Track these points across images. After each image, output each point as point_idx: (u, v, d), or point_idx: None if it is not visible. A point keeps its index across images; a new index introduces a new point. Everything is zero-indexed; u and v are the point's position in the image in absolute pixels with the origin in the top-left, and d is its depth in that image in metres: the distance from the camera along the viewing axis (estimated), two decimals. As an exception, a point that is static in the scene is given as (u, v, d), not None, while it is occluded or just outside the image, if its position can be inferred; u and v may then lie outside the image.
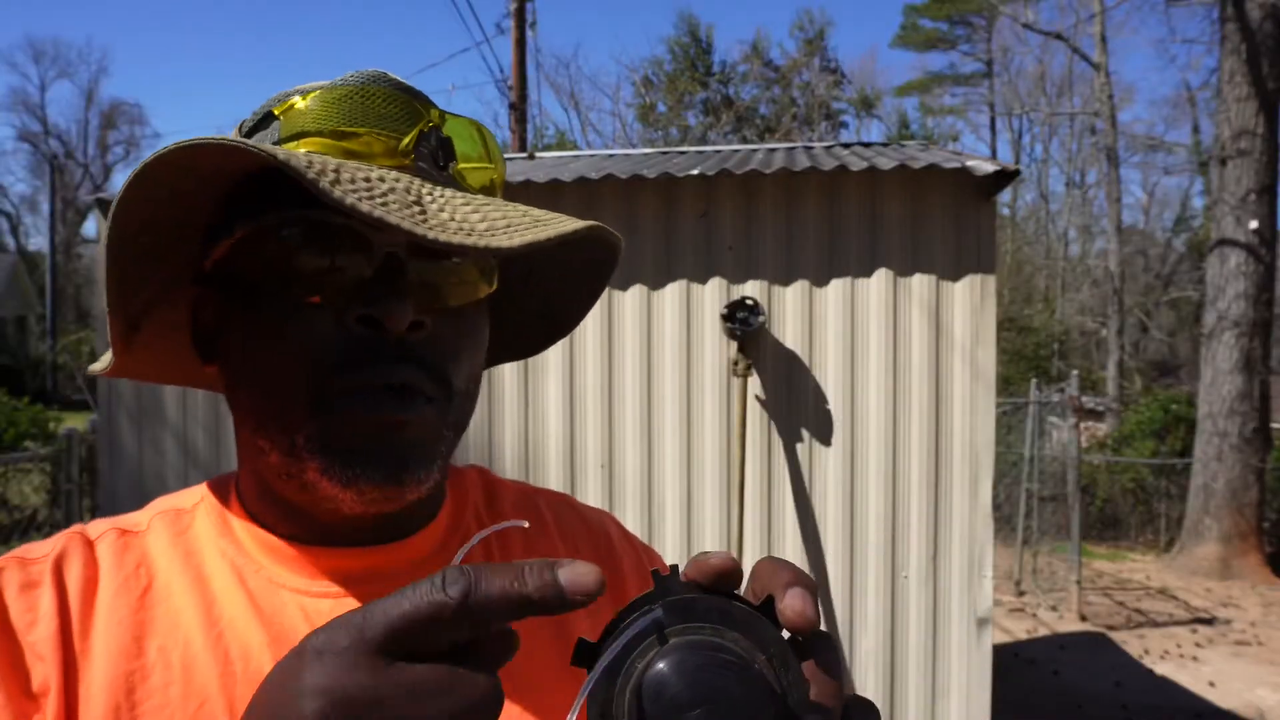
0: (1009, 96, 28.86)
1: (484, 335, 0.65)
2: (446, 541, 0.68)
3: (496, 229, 0.55)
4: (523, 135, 10.64)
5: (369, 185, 0.53)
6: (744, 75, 27.99)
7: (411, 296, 0.57)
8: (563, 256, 0.70)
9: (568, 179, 3.52)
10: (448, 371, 0.60)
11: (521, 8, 10.41)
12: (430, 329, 0.58)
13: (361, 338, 0.57)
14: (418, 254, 0.58)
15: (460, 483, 0.74)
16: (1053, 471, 9.87)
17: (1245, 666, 6.72)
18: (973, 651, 3.45)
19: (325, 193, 0.50)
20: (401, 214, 0.52)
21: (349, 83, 0.61)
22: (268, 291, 0.59)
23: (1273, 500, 10.49)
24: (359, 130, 0.60)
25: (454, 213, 0.56)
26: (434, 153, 0.62)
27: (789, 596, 0.38)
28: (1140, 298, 24.43)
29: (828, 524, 3.52)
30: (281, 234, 0.58)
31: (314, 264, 0.57)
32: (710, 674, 0.36)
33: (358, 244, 0.57)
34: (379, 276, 0.57)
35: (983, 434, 3.45)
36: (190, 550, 0.63)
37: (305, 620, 0.61)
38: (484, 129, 0.67)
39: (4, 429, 8.86)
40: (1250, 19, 9.43)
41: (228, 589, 0.61)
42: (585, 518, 0.78)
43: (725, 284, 3.56)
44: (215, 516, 0.65)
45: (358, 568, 0.63)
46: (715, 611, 0.38)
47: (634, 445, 3.58)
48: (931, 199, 3.48)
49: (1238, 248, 9.49)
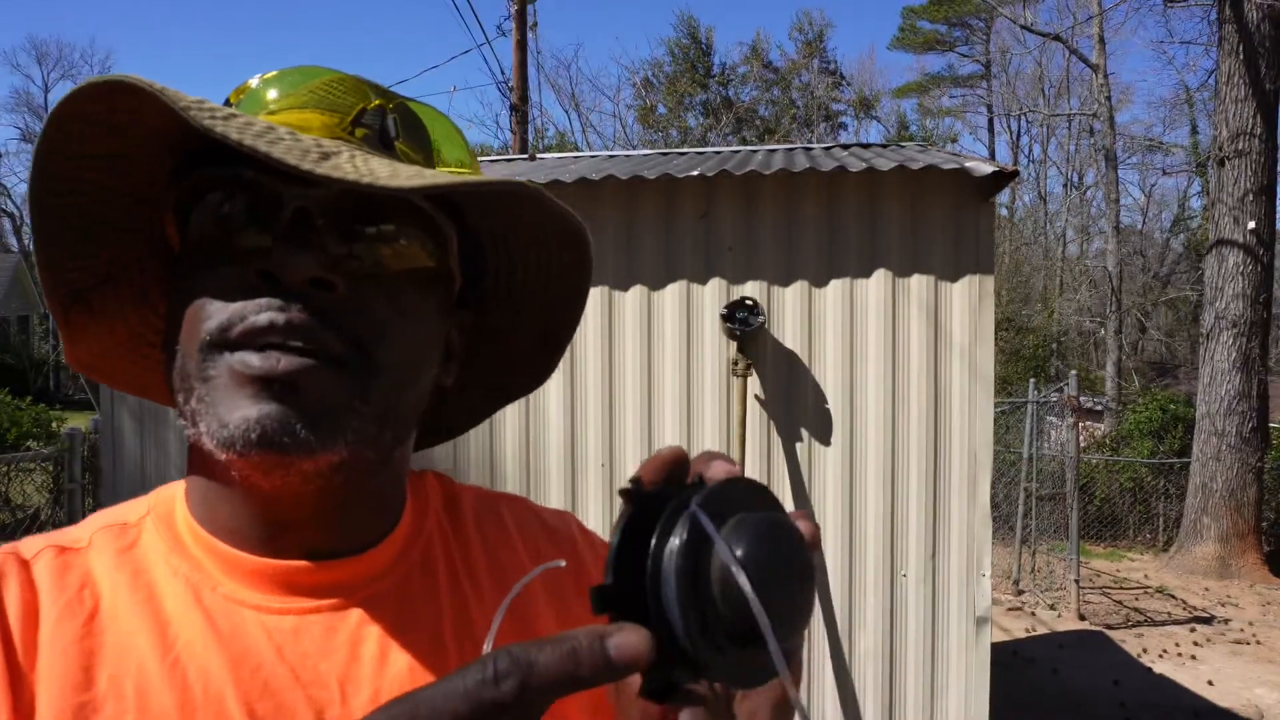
0: (1007, 98, 28.90)
1: (428, 317, 0.61)
2: (407, 551, 0.64)
3: (400, 177, 0.52)
4: (524, 137, 10.65)
5: (265, 131, 0.52)
6: (744, 77, 28.03)
7: (322, 253, 0.54)
8: (542, 258, 0.67)
9: (568, 180, 3.53)
10: (366, 340, 0.56)
11: (522, 9, 10.43)
12: (344, 291, 0.55)
13: (258, 290, 0.54)
14: (342, 214, 0.56)
15: (420, 489, 0.70)
16: (1051, 471, 9.89)
17: (1243, 665, 6.73)
18: (971, 650, 3.47)
19: (194, 120, 0.49)
20: (280, 149, 0.50)
21: (300, 67, 0.62)
22: (187, 257, 0.57)
23: (1271, 499, 10.51)
24: (300, 107, 0.59)
25: (362, 164, 0.53)
26: (379, 131, 0.60)
27: (713, 468, 0.41)
28: (1138, 298, 24.44)
29: (827, 523, 3.54)
30: (204, 195, 0.56)
31: (226, 222, 0.55)
32: (776, 546, 0.37)
33: (268, 199, 0.55)
34: (286, 231, 0.54)
35: (981, 434, 3.47)
36: (139, 568, 0.58)
37: (268, 639, 0.57)
38: (446, 116, 0.67)
39: (7, 428, 8.87)
40: (1248, 20, 9.45)
41: (182, 609, 0.57)
42: (546, 521, 0.75)
43: (725, 284, 3.58)
44: (164, 530, 0.61)
45: (320, 582, 0.60)
46: (714, 497, 0.38)
47: (634, 445, 3.60)
48: (930, 200, 3.50)
49: (1236, 248, 9.51)
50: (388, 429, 0.58)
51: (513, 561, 0.70)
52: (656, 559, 0.36)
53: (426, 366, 0.62)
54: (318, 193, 0.55)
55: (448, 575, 0.66)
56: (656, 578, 0.35)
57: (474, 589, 0.66)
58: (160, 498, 0.64)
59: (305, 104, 0.59)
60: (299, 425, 0.53)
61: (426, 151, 0.65)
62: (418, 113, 0.65)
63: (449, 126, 0.68)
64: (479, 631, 0.64)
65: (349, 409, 0.55)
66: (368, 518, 0.63)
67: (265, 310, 0.53)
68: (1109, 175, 20.65)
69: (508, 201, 0.62)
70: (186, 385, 0.55)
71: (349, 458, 0.56)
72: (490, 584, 0.67)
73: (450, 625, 0.63)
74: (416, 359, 0.60)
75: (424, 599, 0.63)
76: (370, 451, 0.58)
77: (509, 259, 0.68)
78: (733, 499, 0.38)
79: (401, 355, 0.58)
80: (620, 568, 0.36)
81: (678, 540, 0.35)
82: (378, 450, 0.58)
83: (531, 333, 0.72)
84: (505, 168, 4.52)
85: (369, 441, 0.57)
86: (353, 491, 0.60)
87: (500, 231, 0.66)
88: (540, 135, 22.86)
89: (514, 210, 0.63)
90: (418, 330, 0.60)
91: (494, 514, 0.73)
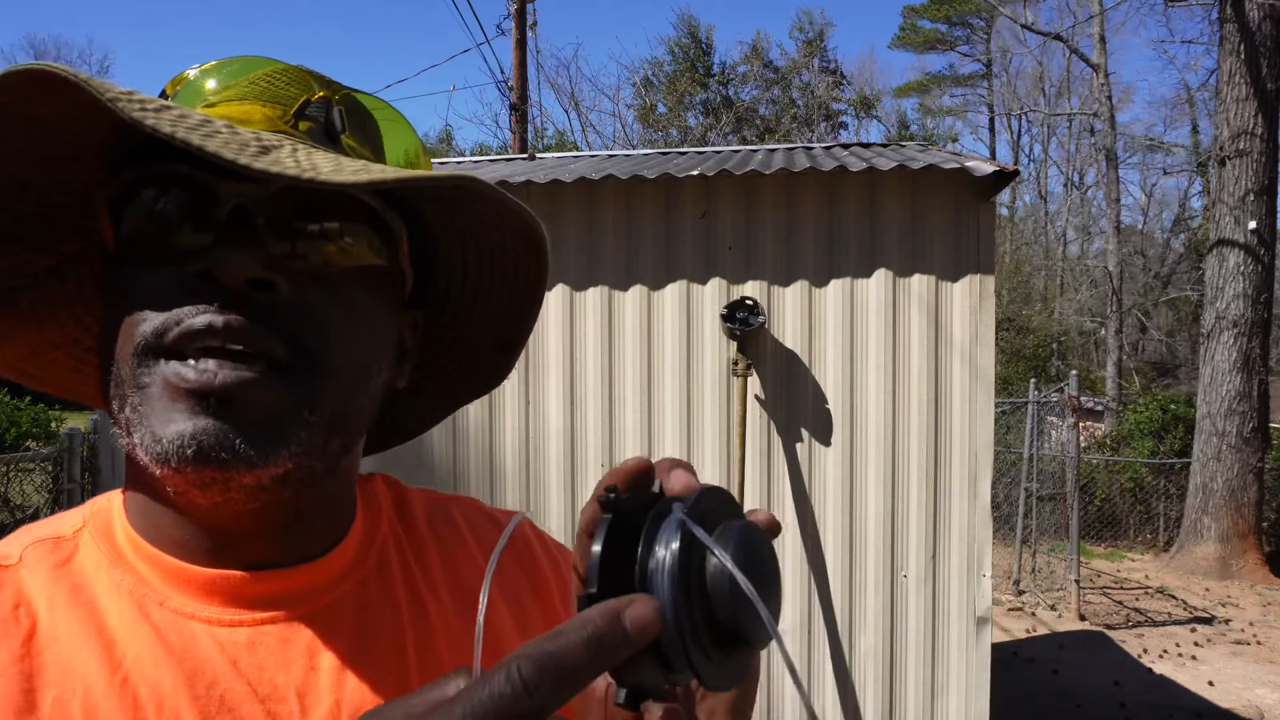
0: (1008, 97, 28.91)
1: (377, 318, 0.58)
2: (361, 557, 0.63)
3: (345, 172, 0.50)
4: (523, 136, 10.65)
5: (201, 124, 0.49)
6: (744, 76, 28.04)
7: (263, 252, 0.52)
8: (497, 256, 0.65)
9: (568, 180, 3.53)
10: (310, 342, 0.53)
11: (522, 9, 10.42)
12: (287, 292, 0.52)
13: (195, 292, 0.51)
14: (285, 211, 0.53)
15: (369, 494, 0.68)
16: (1051, 471, 9.89)
17: (1244, 665, 6.73)
18: (972, 650, 3.46)
19: (122, 112, 0.46)
20: (217, 142, 0.47)
21: (242, 57, 0.59)
22: (122, 259, 0.54)
23: (1271, 500, 10.51)
24: (241, 99, 0.56)
25: (305, 158, 0.50)
26: (324, 124, 0.58)
27: (673, 477, 0.41)
28: (1139, 298, 24.45)
29: (827, 523, 3.53)
30: (139, 194, 0.53)
31: (161, 221, 0.53)
32: (757, 551, 0.39)
33: (206, 196, 0.52)
34: (224, 230, 0.52)
35: (981, 434, 3.47)
36: (78, 584, 0.55)
37: (221, 653, 0.54)
38: (395, 108, 0.65)
39: (6, 428, 8.86)
40: (1249, 19, 9.45)
41: (128, 625, 0.54)
42: (499, 521, 0.74)
43: (725, 284, 3.57)
44: (103, 543, 0.57)
45: (271, 592, 0.57)
46: (696, 506, 0.39)
47: (634, 445, 3.60)
48: (930, 199, 3.49)
49: (1236, 248, 9.50)
50: (336, 437, 0.56)
51: (468, 562, 0.68)
52: (644, 565, 0.37)
53: (377, 369, 0.59)
54: (258, 189, 0.52)
55: (404, 579, 0.64)
56: (646, 583, 0.36)
57: (431, 592, 0.65)
58: (96, 509, 0.60)
59: (246, 96, 0.57)
60: (238, 440, 0.50)
61: (375, 145, 0.62)
62: (365, 105, 0.63)
63: (398, 119, 0.65)
64: (438, 634, 0.62)
65: (294, 419, 0.52)
66: (318, 526, 0.60)
67: (203, 313, 0.50)
68: (1110, 175, 20.65)
69: (459, 198, 0.59)
70: (121, 392, 0.52)
71: (294, 469, 0.53)
72: (447, 586, 0.66)
73: (410, 629, 0.61)
74: (366, 361, 0.58)
75: (381, 604, 0.62)
76: (317, 461, 0.55)
77: (462, 257, 0.66)
78: (709, 507, 0.40)
79: (349, 358, 0.55)
80: (606, 575, 0.37)
81: (672, 546, 0.37)
82: (325, 459, 0.56)
83: (486, 333, 0.70)
84: (505, 167, 4.51)
85: (315, 451, 0.54)
86: (301, 502, 0.57)
87: (453, 229, 0.64)
88: (540, 134, 22.87)
89: (466, 207, 0.61)
90: (367, 331, 0.57)
91: (446, 516, 0.71)
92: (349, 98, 0.61)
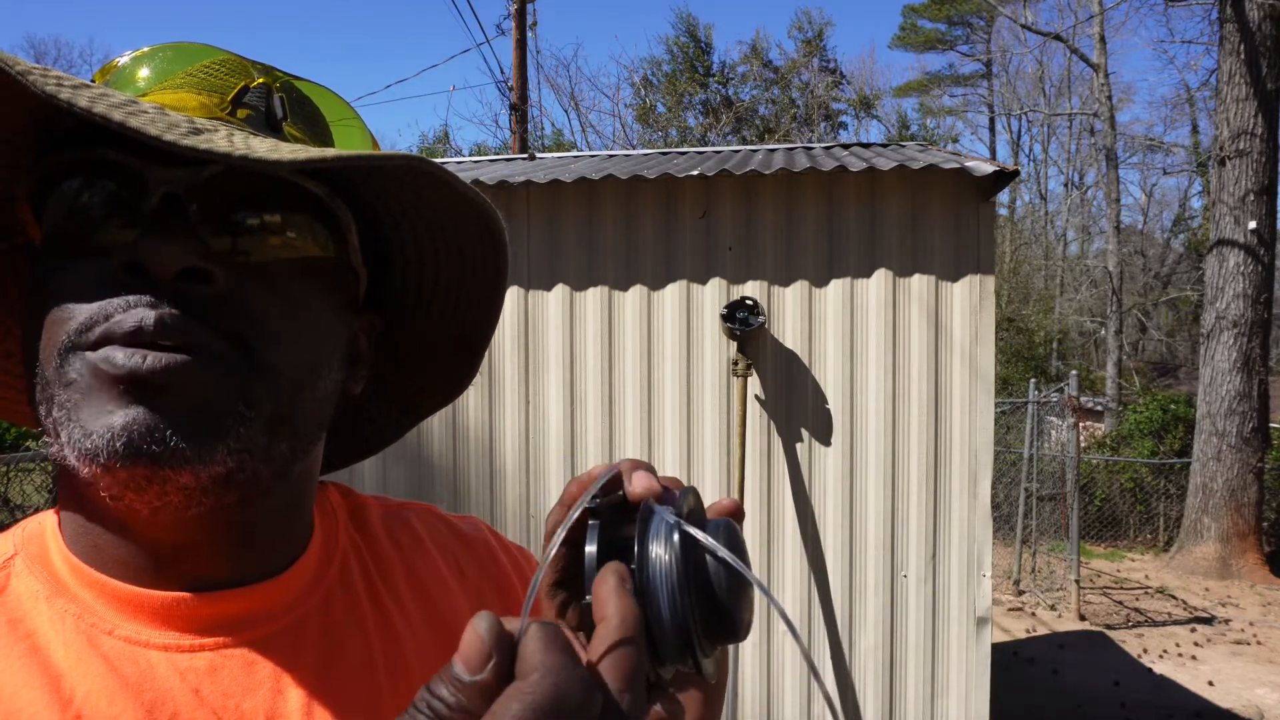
0: (1008, 97, 28.90)
1: (322, 314, 0.55)
2: (323, 571, 0.60)
3: (281, 152, 0.47)
4: (523, 136, 10.65)
5: (126, 103, 0.45)
6: (743, 76, 28.02)
7: (195, 242, 0.48)
8: (453, 250, 0.62)
9: (568, 179, 3.53)
10: (250, 337, 0.50)
11: (522, 9, 10.42)
12: (223, 284, 0.49)
13: (123, 285, 0.47)
14: (220, 199, 0.50)
15: (324, 504, 0.65)
16: (1051, 471, 9.90)
17: (1244, 666, 6.73)
18: (972, 650, 3.46)
19: (34, 86, 0.42)
20: (142, 120, 0.44)
21: (177, 44, 0.56)
22: (46, 253, 0.51)
23: (1271, 500, 10.51)
24: (176, 88, 0.54)
25: (240, 141, 0.47)
26: (264, 112, 0.55)
27: (635, 480, 0.43)
28: (1139, 298, 24.45)
29: (827, 523, 3.53)
30: (61, 182, 0.50)
31: (86, 211, 0.49)
32: (740, 545, 0.42)
33: (134, 184, 0.49)
34: (154, 219, 0.48)
35: (981, 434, 3.47)
36: (14, 617, 0.51)
37: (182, 681, 0.51)
38: (338, 95, 0.62)
39: (6, 428, 8.87)
40: (1249, 19, 9.45)
41: (76, 658, 0.49)
42: (457, 528, 0.72)
43: (725, 284, 3.57)
44: (39, 570, 0.53)
45: (231, 613, 0.54)
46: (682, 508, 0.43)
47: (634, 445, 3.60)
48: (930, 199, 3.49)
49: (1236, 248, 9.51)
50: (280, 439, 0.52)
51: (430, 571, 0.66)
52: (644, 565, 0.39)
53: (325, 370, 0.55)
54: (190, 174, 0.49)
55: (368, 591, 0.62)
56: (649, 583, 0.39)
57: (395, 602, 0.63)
58: (26, 534, 0.55)
59: (181, 85, 0.54)
60: (169, 431, 0.46)
61: (320, 133, 0.60)
62: (308, 92, 0.60)
63: (343, 106, 0.63)
64: (406, 645, 0.61)
65: (229, 412, 0.49)
66: (273, 540, 0.57)
67: (132, 308, 0.47)
68: (1109, 175, 20.65)
69: (410, 187, 0.55)
70: (47, 394, 0.48)
71: (235, 469, 0.50)
72: (411, 595, 0.64)
73: (377, 642, 0.60)
74: (311, 360, 0.54)
75: (346, 619, 0.59)
76: (261, 464, 0.51)
77: (417, 252, 0.62)
78: (691, 506, 0.43)
79: (291, 355, 0.52)
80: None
81: (674, 547, 0.39)
82: (270, 463, 0.52)
83: (446, 336, 0.67)
84: (505, 167, 4.51)
85: (258, 453, 0.51)
86: (251, 513, 0.54)
87: (406, 225, 0.60)
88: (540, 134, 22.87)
89: (417, 198, 0.57)
90: (310, 328, 0.54)
91: (404, 524, 0.69)
92: (290, 84, 0.58)
